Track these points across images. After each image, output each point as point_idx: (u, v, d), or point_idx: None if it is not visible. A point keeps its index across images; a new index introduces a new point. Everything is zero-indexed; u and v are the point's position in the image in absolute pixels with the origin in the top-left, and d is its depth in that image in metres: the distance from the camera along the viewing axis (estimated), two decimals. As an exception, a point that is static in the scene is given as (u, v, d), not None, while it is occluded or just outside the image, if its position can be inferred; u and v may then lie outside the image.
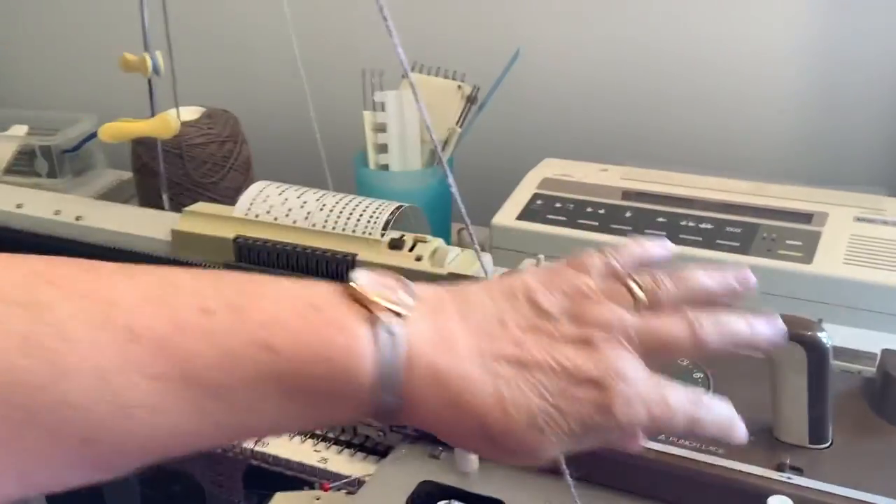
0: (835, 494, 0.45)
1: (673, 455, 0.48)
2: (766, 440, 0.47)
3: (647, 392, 0.36)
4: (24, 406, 0.30)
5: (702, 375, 0.52)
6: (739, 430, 0.39)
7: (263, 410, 0.34)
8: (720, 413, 0.38)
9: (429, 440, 0.53)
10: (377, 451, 0.55)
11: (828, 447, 0.48)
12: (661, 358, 0.38)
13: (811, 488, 0.45)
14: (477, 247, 0.48)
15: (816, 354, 0.46)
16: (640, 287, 0.39)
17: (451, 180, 0.46)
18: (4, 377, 0.30)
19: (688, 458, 0.47)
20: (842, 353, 0.56)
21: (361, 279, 0.36)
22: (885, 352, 0.51)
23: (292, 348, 0.33)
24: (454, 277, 0.63)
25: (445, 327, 0.36)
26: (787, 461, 0.47)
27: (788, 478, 0.46)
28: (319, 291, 0.36)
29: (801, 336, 0.46)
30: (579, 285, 0.38)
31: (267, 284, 0.36)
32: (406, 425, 0.42)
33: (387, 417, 0.36)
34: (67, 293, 0.32)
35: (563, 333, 0.37)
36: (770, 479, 0.46)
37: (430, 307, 0.37)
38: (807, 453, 0.46)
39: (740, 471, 0.47)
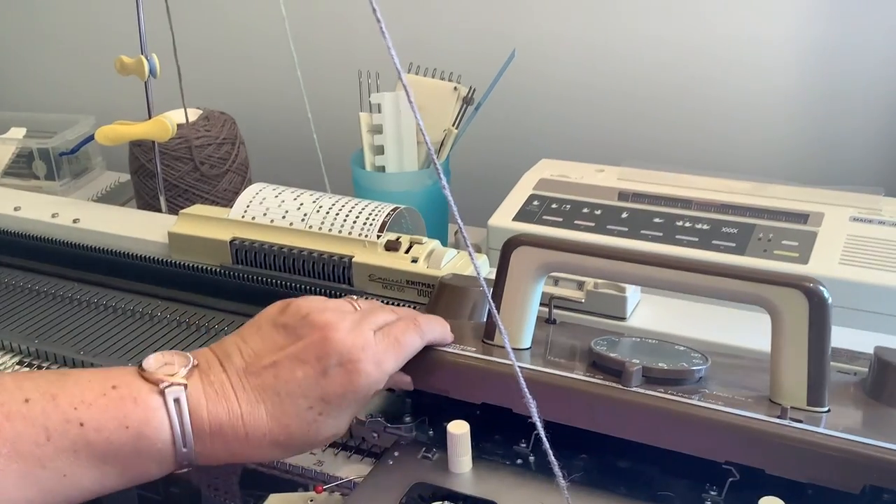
0: (838, 437, 0.45)
1: (670, 400, 0.48)
2: (763, 404, 0.47)
3: (352, 327, 0.49)
4: None
5: (699, 356, 0.53)
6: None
7: (83, 475, 0.44)
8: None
9: (422, 442, 0.53)
10: (373, 453, 0.55)
11: (825, 412, 0.48)
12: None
13: (812, 431, 0.45)
14: (471, 249, 0.48)
15: (818, 303, 0.47)
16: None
17: (444, 182, 0.46)
18: None
19: (685, 403, 0.48)
20: (838, 353, 0.56)
21: (149, 362, 0.47)
22: (878, 348, 0.52)
23: (97, 421, 0.43)
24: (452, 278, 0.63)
25: (216, 380, 0.47)
26: (788, 414, 0.47)
27: (789, 422, 0.46)
28: (118, 374, 0.46)
29: (804, 285, 0.47)
30: (311, 300, 0.51)
31: (75, 374, 0.45)
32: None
33: (190, 465, 0.46)
34: None
35: (298, 333, 0.49)
36: (771, 422, 0.46)
37: (202, 369, 0.48)
38: (805, 414, 0.47)
39: (742, 415, 0.46)
